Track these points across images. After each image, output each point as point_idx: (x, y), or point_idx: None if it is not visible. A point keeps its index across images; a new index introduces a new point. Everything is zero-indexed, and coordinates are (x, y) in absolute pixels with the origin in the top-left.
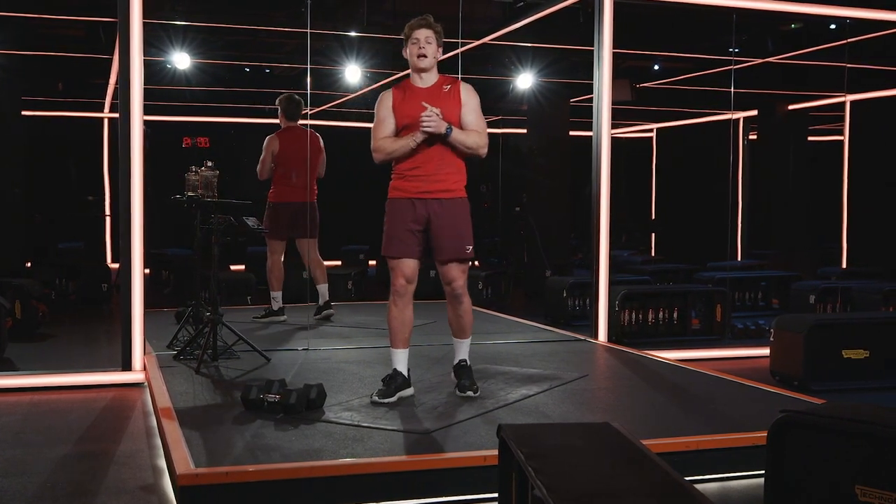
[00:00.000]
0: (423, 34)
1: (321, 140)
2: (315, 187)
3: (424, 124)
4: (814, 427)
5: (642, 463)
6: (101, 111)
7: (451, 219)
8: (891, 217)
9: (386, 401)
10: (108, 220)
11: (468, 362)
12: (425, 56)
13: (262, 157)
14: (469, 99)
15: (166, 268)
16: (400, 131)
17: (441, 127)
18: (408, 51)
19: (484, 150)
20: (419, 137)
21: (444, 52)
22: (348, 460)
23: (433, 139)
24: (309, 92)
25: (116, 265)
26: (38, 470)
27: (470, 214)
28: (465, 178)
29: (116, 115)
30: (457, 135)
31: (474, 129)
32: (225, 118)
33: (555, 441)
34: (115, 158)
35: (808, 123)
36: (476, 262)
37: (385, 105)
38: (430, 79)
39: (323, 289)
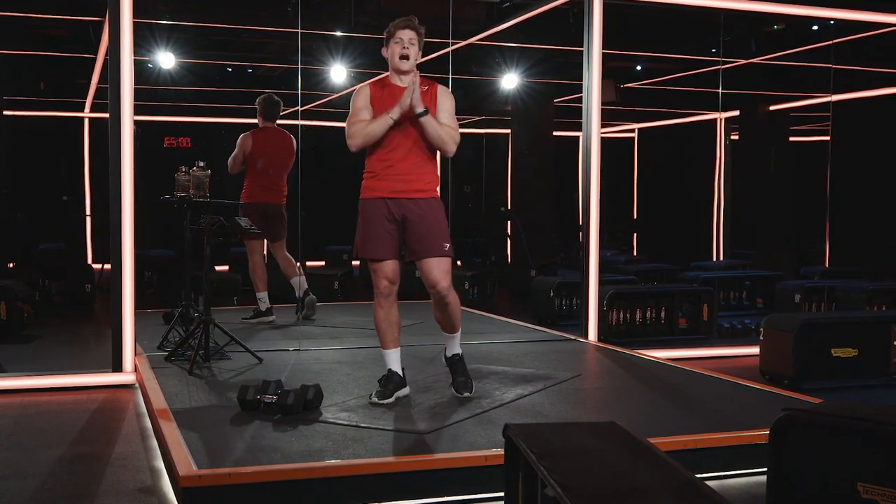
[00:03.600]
0: (407, 35)
1: (294, 142)
2: (285, 189)
3: (405, 99)
4: (816, 425)
5: (653, 461)
6: (82, 111)
7: (427, 218)
8: (873, 217)
9: (385, 402)
10: (88, 220)
11: (461, 355)
12: (407, 58)
13: (234, 153)
14: (444, 101)
15: (149, 269)
16: None
17: (419, 105)
18: (389, 50)
19: (451, 147)
20: (396, 113)
21: (434, 52)
22: (351, 461)
23: (406, 134)
24: (300, 92)
25: (98, 266)
26: (35, 472)
27: (445, 214)
28: (437, 179)
29: (98, 114)
30: (431, 119)
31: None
32: (207, 118)
33: (563, 440)
34: (96, 158)
35: (789, 124)
36: (458, 263)
37: (363, 96)
38: (409, 79)
39: (296, 281)
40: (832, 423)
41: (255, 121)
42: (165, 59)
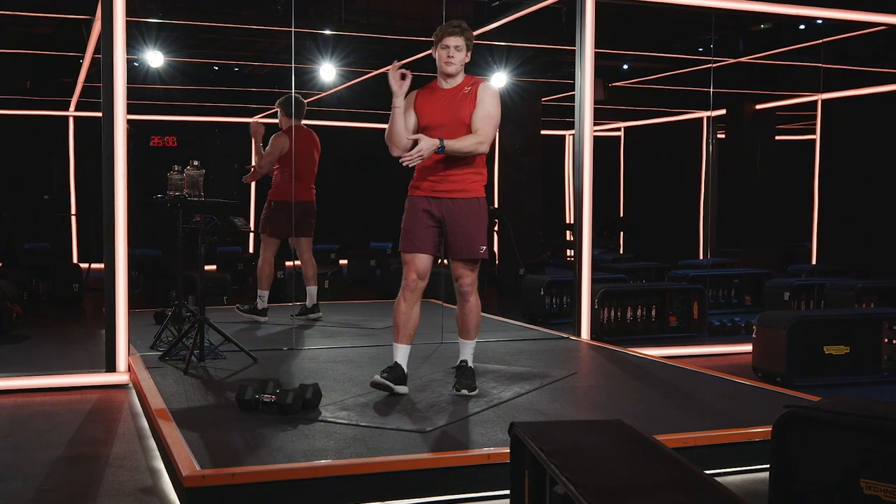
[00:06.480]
0: (454, 42)
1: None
2: (314, 187)
3: (411, 157)
4: (818, 421)
5: (662, 459)
6: (68, 110)
7: (464, 219)
8: (859, 215)
9: (387, 381)
10: (73, 219)
11: (469, 363)
12: (453, 63)
13: (267, 151)
14: (484, 97)
15: (136, 268)
16: (422, 131)
17: (426, 151)
18: (436, 54)
19: (482, 147)
20: (399, 102)
21: (426, 51)
22: (354, 460)
23: (447, 136)
24: (293, 91)
25: (85, 265)
26: (34, 473)
27: (486, 215)
28: (483, 178)
29: (84, 113)
30: (449, 145)
31: (475, 129)
32: (193, 117)
33: (571, 438)
34: (81, 157)
35: (775, 122)
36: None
37: (408, 103)
38: (455, 81)
39: (313, 291)
40: (835, 420)
41: (239, 118)
42: (153, 58)
